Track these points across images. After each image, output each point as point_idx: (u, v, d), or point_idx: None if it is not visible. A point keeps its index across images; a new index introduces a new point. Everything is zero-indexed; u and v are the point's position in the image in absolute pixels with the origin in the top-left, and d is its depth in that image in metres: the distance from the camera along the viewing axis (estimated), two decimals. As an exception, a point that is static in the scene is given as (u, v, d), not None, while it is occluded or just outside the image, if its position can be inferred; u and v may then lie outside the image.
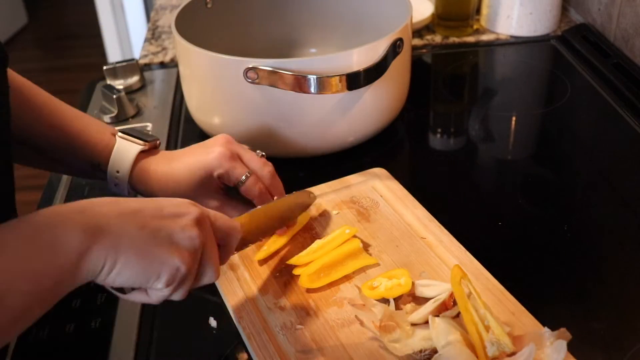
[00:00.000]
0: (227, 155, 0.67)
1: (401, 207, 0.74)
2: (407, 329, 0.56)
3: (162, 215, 0.50)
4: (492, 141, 0.94)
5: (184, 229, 0.50)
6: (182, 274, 0.49)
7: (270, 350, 0.58)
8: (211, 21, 0.94)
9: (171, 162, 0.68)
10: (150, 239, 0.48)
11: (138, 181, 0.69)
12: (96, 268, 0.45)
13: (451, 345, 0.53)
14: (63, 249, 0.44)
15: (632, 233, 0.74)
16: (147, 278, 0.48)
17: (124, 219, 0.47)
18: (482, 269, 0.65)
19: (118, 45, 2.52)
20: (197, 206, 0.53)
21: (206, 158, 0.67)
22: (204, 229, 0.52)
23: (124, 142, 0.68)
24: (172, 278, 0.49)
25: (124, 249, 0.46)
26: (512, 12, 1.16)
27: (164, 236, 0.49)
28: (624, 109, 0.95)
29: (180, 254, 0.49)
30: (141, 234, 0.47)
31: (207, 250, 0.52)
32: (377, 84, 0.79)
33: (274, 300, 0.63)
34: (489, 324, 0.54)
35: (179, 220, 0.50)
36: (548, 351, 0.53)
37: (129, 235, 0.47)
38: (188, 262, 0.49)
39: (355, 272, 0.66)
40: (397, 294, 0.61)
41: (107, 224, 0.46)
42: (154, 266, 0.48)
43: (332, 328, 0.60)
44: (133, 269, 0.47)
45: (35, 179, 0.66)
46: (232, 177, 0.67)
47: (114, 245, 0.46)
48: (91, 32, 3.13)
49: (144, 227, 0.48)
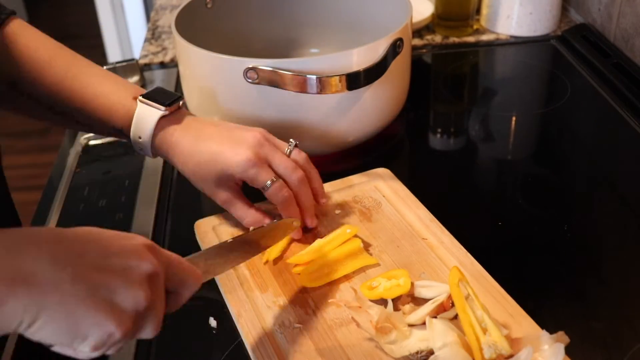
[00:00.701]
0: (252, 162, 0.65)
1: (403, 207, 0.74)
2: (404, 330, 0.56)
3: (106, 266, 0.42)
4: (492, 141, 0.94)
5: (129, 288, 0.42)
6: (115, 339, 0.41)
7: (268, 348, 0.58)
8: (211, 21, 0.94)
9: (198, 141, 0.67)
10: (85, 297, 0.40)
11: (161, 147, 0.69)
12: (11, 322, 0.38)
13: (448, 347, 0.53)
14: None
15: (632, 233, 0.74)
16: (71, 339, 0.40)
17: (58, 267, 0.39)
18: (482, 271, 0.65)
19: (118, 45, 2.51)
20: (154, 253, 0.45)
21: (230, 159, 0.65)
22: (155, 287, 0.44)
23: (144, 108, 0.68)
24: (102, 342, 0.41)
25: (49, 305, 0.39)
26: (512, 12, 1.16)
27: (104, 294, 0.41)
28: (624, 109, 0.95)
29: (117, 317, 0.41)
30: (75, 289, 0.40)
31: (152, 308, 0.44)
32: (377, 84, 0.79)
33: (273, 299, 0.63)
34: (486, 326, 0.54)
35: (126, 274, 0.42)
36: (546, 354, 0.53)
37: (60, 290, 0.39)
38: (125, 327, 0.41)
39: (355, 272, 0.66)
40: (396, 295, 0.61)
41: (34, 274, 0.38)
42: (82, 327, 0.40)
43: (330, 328, 0.60)
44: (57, 326, 0.39)
45: (36, 179, 0.66)
46: (256, 183, 0.66)
47: (35, 300, 0.38)
48: (91, 32, 3.12)
49: (81, 279, 0.40)
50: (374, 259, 0.67)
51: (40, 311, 0.38)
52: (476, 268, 0.65)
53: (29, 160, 2.43)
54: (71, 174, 0.86)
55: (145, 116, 0.67)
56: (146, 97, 0.68)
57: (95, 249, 0.42)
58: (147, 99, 0.68)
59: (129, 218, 0.77)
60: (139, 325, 0.43)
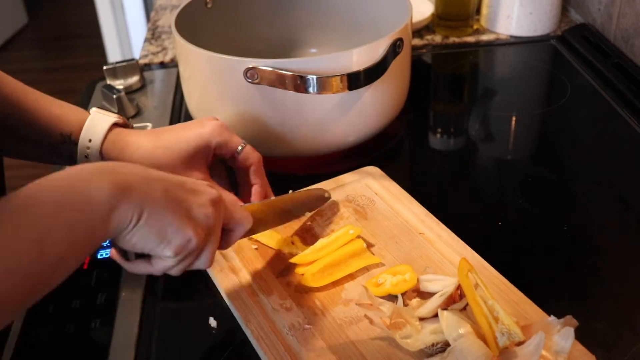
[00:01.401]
0: (224, 126, 0.68)
1: (397, 204, 0.75)
2: (416, 324, 0.57)
3: (184, 188, 0.52)
4: (492, 141, 0.94)
5: (201, 206, 0.52)
6: (191, 246, 0.51)
7: (280, 351, 0.58)
8: (211, 21, 0.94)
9: (158, 135, 0.68)
10: (172, 206, 0.50)
11: (112, 150, 0.67)
12: (124, 223, 0.47)
13: (463, 338, 0.53)
14: (95, 201, 0.45)
15: (632, 233, 0.74)
16: (160, 241, 0.49)
17: (151, 182, 0.49)
18: (482, 262, 0.65)
19: (118, 45, 2.51)
20: (215, 188, 0.55)
21: (204, 129, 0.67)
22: (218, 212, 0.54)
23: (98, 115, 0.68)
24: (181, 248, 0.50)
25: (147, 208, 0.48)
26: (512, 12, 1.16)
27: (184, 207, 0.50)
28: (624, 109, 0.95)
29: (194, 226, 0.51)
30: (165, 198, 0.49)
31: (212, 233, 0.53)
32: (377, 84, 0.79)
33: (279, 301, 0.63)
34: (498, 314, 0.55)
35: (198, 196, 0.52)
36: (556, 339, 0.54)
37: (154, 197, 0.48)
38: (200, 237, 0.51)
39: (359, 271, 0.66)
40: (403, 290, 0.62)
41: (135, 183, 0.48)
42: (169, 231, 0.49)
43: (341, 326, 0.60)
44: (150, 229, 0.48)
45: (35, 179, 0.67)
46: (230, 145, 0.68)
47: (140, 202, 0.47)
48: (91, 32, 3.12)
49: (167, 194, 0.50)
50: (377, 258, 0.67)
51: (142, 212, 0.47)
52: (477, 259, 0.66)
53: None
54: (71, 174, 0.86)
55: (99, 120, 0.68)
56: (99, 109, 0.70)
57: (173, 177, 0.52)
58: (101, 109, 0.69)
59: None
60: (206, 242, 0.53)
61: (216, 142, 0.68)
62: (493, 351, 0.53)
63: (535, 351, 0.52)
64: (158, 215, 0.49)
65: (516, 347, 0.54)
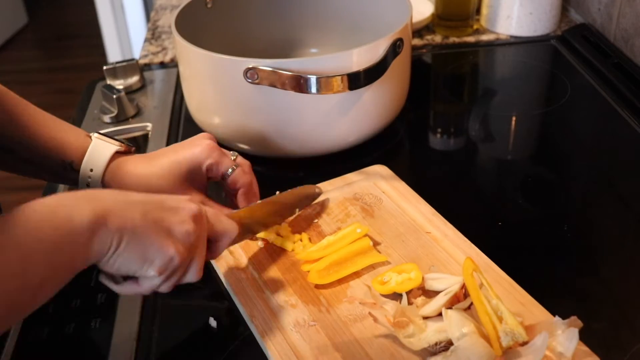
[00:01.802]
0: (214, 147, 0.68)
1: (404, 202, 0.75)
2: (420, 323, 0.57)
3: (163, 208, 0.53)
4: (492, 141, 0.94)
5: (182, 223, 0.53)
6: (174, 264, 0.52)
7: (285, 348, 0.58)
8: (211, 21, 0.94)
9: (152, 160, 0.68)
10: (151, 227, 0.51)
11: (113, 180, 0.68)
12: (104, 248, 0.48)
13: (466, 337, 0.53)
14: (77, 227, 0.46)
15: (632, 233, 0.74)
16: (142, 263, 0.51)
17: (130, 207, 0.51)
18: (489, 261, 0.66)
19: (118, 45, 2.52)
20: (195, 203, 0.55)
21: (194, 151, 0.67)
22: (199, 226, 0.55)
23: (99, 142, 0.68)
24: (165, 266, 0.52)
25: (127, 232, 0.49)
26: (512, 12, 1.16)
27: (164, 227, 0.52)
28: (624, 109, 0.95)
29: (175, 245, 0.52)
30: (144, 221, 0.50)
31: (197, 247, 0.55)
32: (377, 84, 0.79)
33: (284, 298, 0.64)
34: (501, 314, 0.55)
35: (178, 214, 0.53)
36: (560, 339, 0.54)
37: (133, 221, 0.50)
38: (182, 254, 0.52)
39: (365, 269, 0.66)
40: (408, 288, 0.62)
41: (115, 209, 0.49)
42: (151, 252, 0.51)
43: (345, 324, 0.60)
44: (132, 252, 0.50)
45: (35, 179, 0.66)
46: (221, 167, 0.68)
47: (120, 228, 0.49)
48: (91, 32, 3.13)
49: (147, 215, 0.51)
50: (383, 256, 0.67)
51: (122, 238, 0.49)
52: (483, 259, 0.66)
53: (29, 160, 2.43)
54: (71, 174, 0.86)
55: (100, 149, 0.67)
56: (101, 134, 0.69)
57: (152, 198, 0.54)
58: (103, 136, 0.69)
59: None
60: (189, 258, 0.54)
61: (207, 164, 0.67)
62: (496, 351, 0.53)
63: (538, 351, 0.52)
64: (139, 238, 0.50)
65: (520, 347, 0.54)
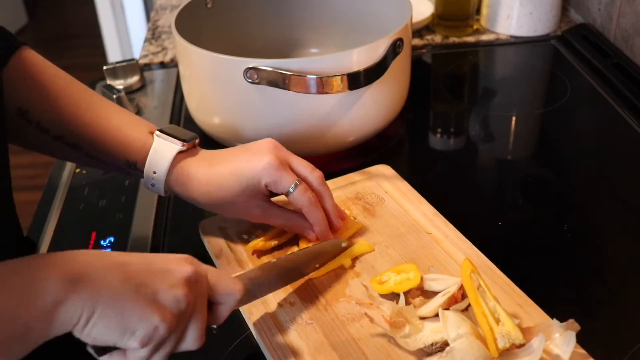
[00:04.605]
0: (275, 165, 0.63)
1: (406, 202, 0.75)
2: (417, 324, 0.57)
3: (149, 270, 0.47)
4: (492, 141, 0.94)
5: (170, 288, 0.47)
6: (160, 334, 0.46)
7: (282, 345, 0.58)
8: (211, 21, 0.94)
9: (214, 166, 0.65)
10: (132, 293, 0.45)
11: (176, 183, 0.66)
12: (72, 319, 0.43)
13: (462, 338, 0.53)
14: (40, 293, 0.42)
15: (632, 233, 0.74)
16: (122, 333, 0.45)
17: (108, 270, 0.45)
18: (488, 263, 0.65)
19: (118, 45, 2.52)
20: (192, 264, 0.50)
21: (254, 166, 0.64)
22: (195, 290, 0.49)
23: (161, 142, 0.66)
24: (149, 337, 0.46)
25: (103, 300, 0.44)
26: (512, 12, 1.16)
27: (148, 292, 0.46)
28: (624, 109, 0.95)
29: (161, 313, 0.46)
30: (124, 286, 0.45)
31: (193, 313, 0.49)
32: (377, 84, 0.79)
33: (283, 296, 0.64)
34: (499, 316, 0.55)
35: (167, 277, 0.48)
36: (557, 342, 0.54)
37: (110, 288, 0.45)
38: (169, 323, 0.46)
39: (364, 268, 0.66)
40: (407, 288, 0.62)
41: (89, 274, 0.44)
42: (131, 321, 0.45)
43: (343, 323, 0.60)
44: (108, 321, 0.44)
45: (35, 179, 0.66)
46: (281, 187, 0.64)
47: (93, 295, 0.44)
48: (91, 32, 3.13)
49: (128, 280, 0.46)
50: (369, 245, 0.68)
51: (95, 306, 0.43)
52: (482, 260, 0.66)
53: (29, 160, 2.43)
54: (71, 174, 0.86)
55: (162, 150, 0.66)
56: (163, 131, 0.67)
57: (138, 259, 0.48)
58: (164, 134, 0.67)
59: (129, 218, 0.77)
60: (182, 326, 0.48)
61: (265, 182, 0.64)
62: (492, 352, 0.53)
63: (535, 354, 0.52)
64: (116, 306, 0.44)
65: (517, 349, 0.54)
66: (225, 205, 0.66)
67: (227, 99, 0.81)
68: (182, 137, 0.67)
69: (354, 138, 0.84)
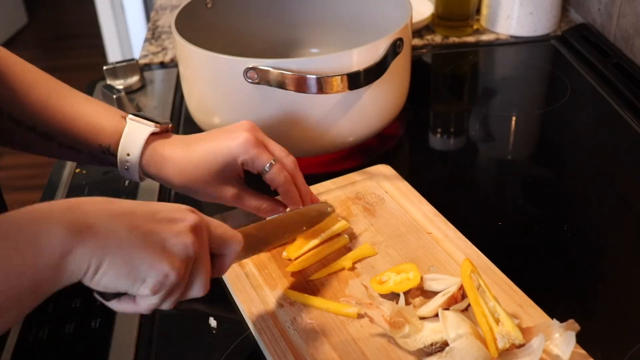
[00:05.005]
0: (252, 142, 0.64)
1: (406, 202, 0.75)
2: (417, 324, 0.57)
3: (155, 219, 0.47)
4: (492, 141, 0.94)
5: (177, 235, 0.47)
6: (171, 281, 0.47)
7: (281, 345, 0.58)
8: (211, 21, 0.94)
9: (190, 145, 0.66)
10: (140, 242, 0.45)
11: (150, 164, 0.66)
12: (80, 269, 0.43)
13: (462, 338, 0.54)
14: (45, 247, 0.42)
15: (632, 233, 0.74)
16: (133, 282, 0.45)
17: (114, 219, 0.45)
18: (488, 263, 0.66)
19: (118, 45, 2.51)
20: (195, 213, 0.51)
21: (231, 144, 0.64)
22: (200, 238, 0.50)
23: (134, 124, 0.66)
24: (160, 285, 0.46)
25: (111, 250, 0.44)
26: (512, 12, 1.16)
27: (156, 240, 0.46)
28: (624, 109, 0.95)
29: (171, 260, 0.46)
30: (131, 236, 0.45)
31: (199, 261, 0.50)
32: (377, 84, 0.79)
33: (283, 296, 0.64)
34: (499, 316, 0.55)
35: (173, 225, 0.48)
36: (557, 342, 0.54)
37: (118, 236, 0.44)
38: (179, 270, 0.47)
39: (364, 268, 0.66)
40: (407, 288, 0.62)
41: (95, 223, 0.44)
42: (141, 270, 0.45)
43: (342, 322, 0.60)
44: (118, 271, 0.44)
45: (35, 179, 0.66)
46: (257, 164, 0.65)
47: (100, 245, 0.43)
48: (91, 32, 3.12)
49: (135, 229, 0.46)
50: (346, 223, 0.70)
51: (104, 256, 0.43)
52: (482, 260, 0.66)
53: (29, 160, 2.43)
54: (71, 174, 0.87)
55: (136, 132, 0.66)
56: (136, 115, 0.68)
57: (144, 207, 0.48)
58: (138, 117, 0.67)
59: (129, 218, 0.77)
60: (190, 274, 0.49)
61: (242, 159, 0.64)
62: (492, 352, 0.53)
63: (535, 354, 0.52)
64: (125, 255, 0.44)
65: (516, 349, 0.54)
66: (201, 186, 0.66)
67: (227, 99, 0.81)
68: (155, 120, 0.67)
69: (354, 138, 0.84)
